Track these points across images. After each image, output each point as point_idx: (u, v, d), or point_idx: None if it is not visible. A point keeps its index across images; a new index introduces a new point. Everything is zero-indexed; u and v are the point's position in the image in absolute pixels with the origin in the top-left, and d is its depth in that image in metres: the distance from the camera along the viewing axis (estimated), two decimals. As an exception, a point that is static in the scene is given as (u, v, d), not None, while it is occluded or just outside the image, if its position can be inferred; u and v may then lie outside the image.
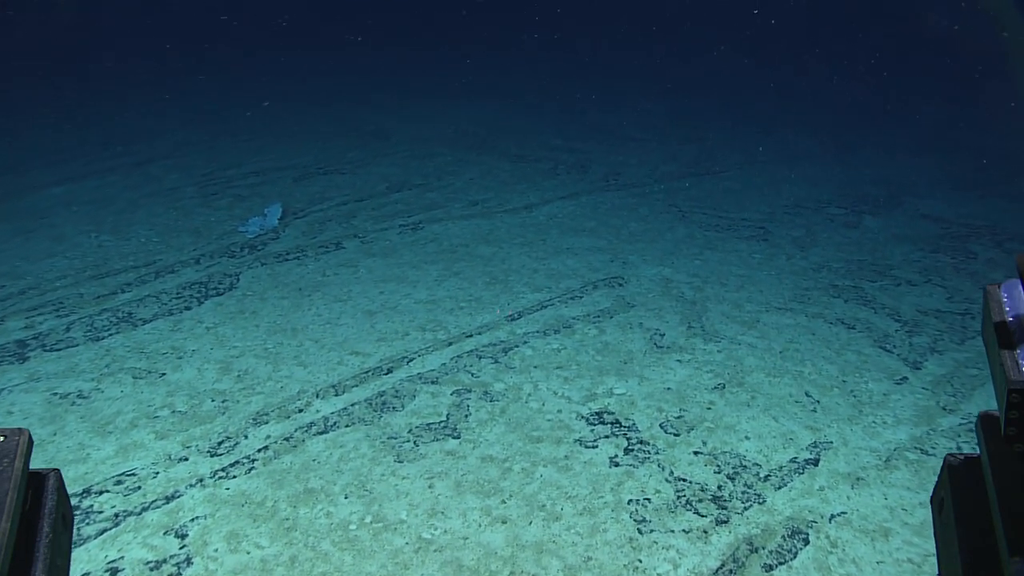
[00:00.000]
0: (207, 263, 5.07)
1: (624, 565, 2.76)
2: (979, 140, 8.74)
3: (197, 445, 3.32)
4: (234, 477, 3.14)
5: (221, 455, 3.27)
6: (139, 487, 3.04)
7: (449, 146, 7.94)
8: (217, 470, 3.17)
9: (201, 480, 3.11)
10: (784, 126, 9.39)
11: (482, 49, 13.40)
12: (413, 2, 15.13)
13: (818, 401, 3.81)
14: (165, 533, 2.82)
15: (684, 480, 3.21)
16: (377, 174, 6.96)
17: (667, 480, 3.21)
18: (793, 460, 3.36)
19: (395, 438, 3.42)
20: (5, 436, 0.83)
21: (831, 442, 3.48)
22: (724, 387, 3.91)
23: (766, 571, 2.76)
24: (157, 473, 3.13)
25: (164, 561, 2.71)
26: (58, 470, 0.87)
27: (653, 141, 8.46)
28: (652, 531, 2.92)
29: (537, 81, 11.31)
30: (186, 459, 3.23)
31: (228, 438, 3.38)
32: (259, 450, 3.31)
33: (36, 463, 0.82)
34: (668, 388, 3.89)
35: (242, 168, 7.00)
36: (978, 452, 0.91)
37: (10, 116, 8.76)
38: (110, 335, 4.15)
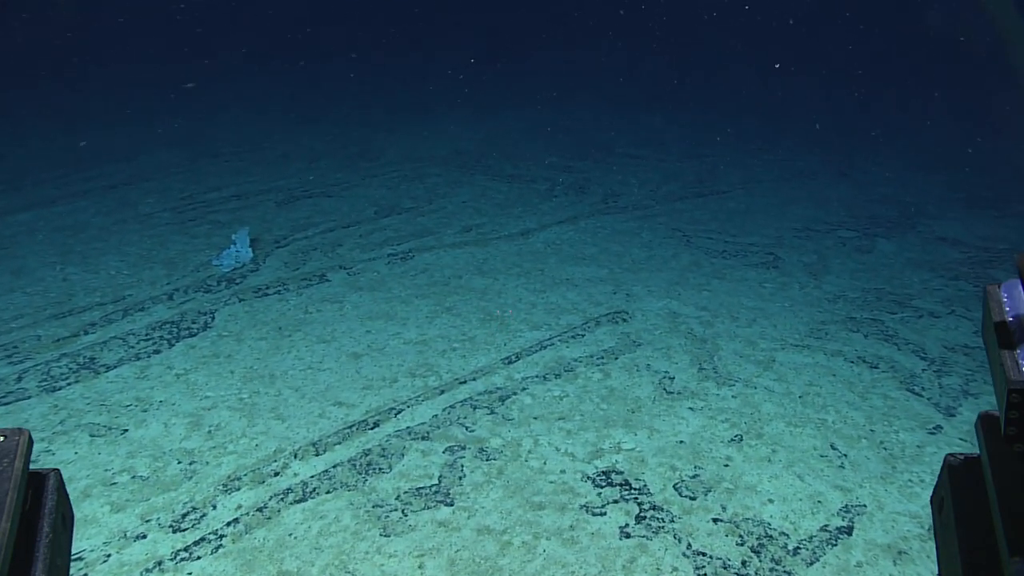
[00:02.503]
0: (180, 299, 4.71)
1: (642, 666, 2.42)
2: (987, 154, 8.49)
3: (158, 518, 2.96)
4: (198, 558, 2.78)
5: (185, 530, 2.91)
6: (84, 575, 2.68)
7: (441, 165, 7.61)
8: (179, 550, 2.81)
9: (160, 563, 2.75)
10: (785, 140, 9.12)
11: (472, 62, 13.11)
12: (400, 12, 14.84)
13: (845, 455, 3.48)
14: (114, 634, 2.47)
15: (704, 555, 2.87)
16: (365, 197, 6.62)
17: (685, 555, 2.87)
18: (824, 528, 3.03)
19: (381, 506, 3.07)
20: (5, 436, 0.83)
21: (864, 505, 3.15)
22: (742, 439, 3.58)
23: (803, 671, 2.42)
24: (108, 556, 2.76)
25: (112, 669, 2.35)
26: (58, 470, 0.87)
27: (652, 158, 8.15)
28: (671, 621, 2.58)
29: (529, 95, 11.02)
30: (144, 536, 2.86)
31: (194, 509, 3.02)
32: (228, 523, 2.95)
33: None
34: (681, 441, 3.56)
35: (223, 191, 6.65)
36: (978, 452, 0.90)
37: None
38: (68, 384, 3.79)
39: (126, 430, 3.48)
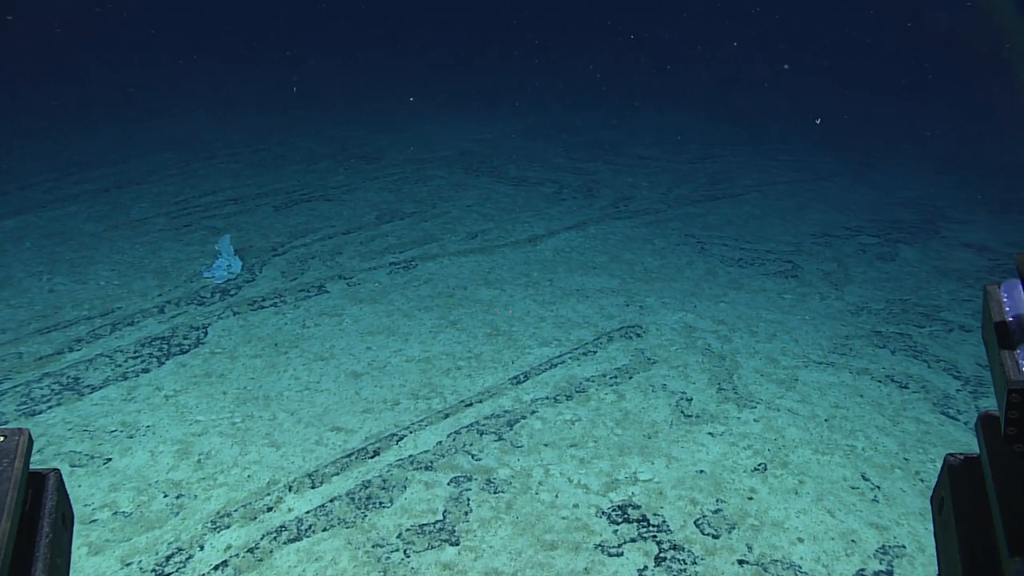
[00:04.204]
0: (172, 312, 4.49)
1: None
2: (1009, 155, 8.22)
3: (140, 562, 2.74)
4: (182, 608, 2.56)
5: (169, 575, 2.69)
6: (61, 630, 2.46)
7: (444, 167, 7.37)
8: (162, 598, 2.60)
9: (141, 614, 2.53)
10: (801, 140, 8.86)
11: (477, 61, 12.84)
12: (406, 11, 14.58)
13: (878, 487, 3.25)
14: None
15: (731, 603, 2.65)
16: (366, 201, 6.39)
17: (710, 603, 2.65)
18: (860, 573, 2.80)
19: (381, 546, 2.85)
20: (5, 436, 0.83)
21: (903, 546, 2.92)
22: (766, 468, 3.35)
23: None
24: (86, 607, 2.55)
25: None
26: (58, 470, 0.87)
27: (662, 159, 7.90)
28: None
29: (535, 94, 10.76)
30: (125, 583, 2.65)
31: (180, 550, 2.81)
32: (216, 567, 2.73)
33: None
34: (701, 471, 3.33)
35: (219, 195, 6.42)
36: (978, 452, 0.91)
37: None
38: (49, 408, 3.57)
39: (109, 459, 3.26)
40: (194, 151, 7.57)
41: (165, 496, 3.07)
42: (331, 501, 3.06)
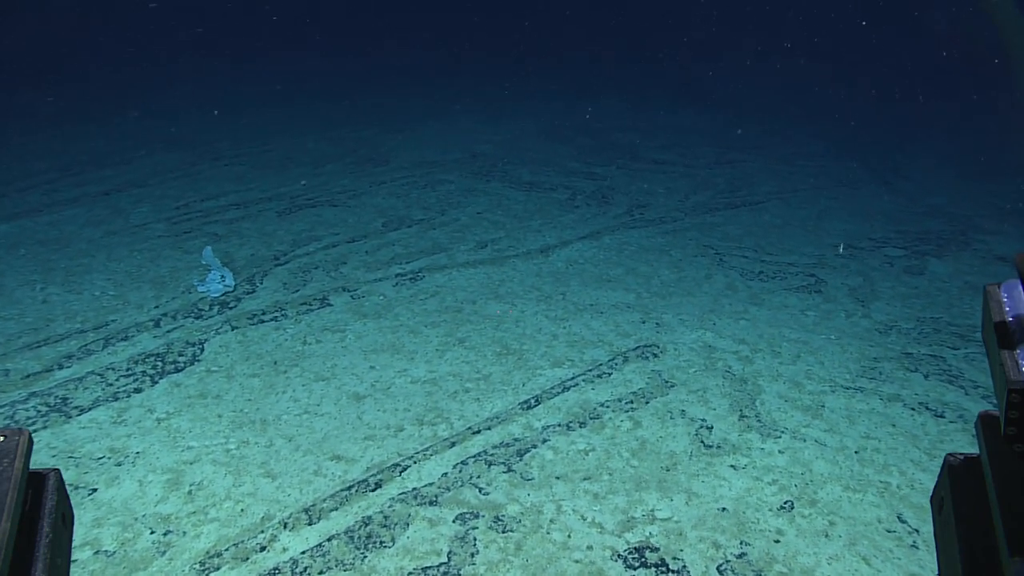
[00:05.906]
0: (168, 326, 4.31)
1: None
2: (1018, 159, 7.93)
3: (122, 608, 2.56)
4: (165, 662, 2.37)
5: (152, 623, 2.51)
6: None
7: (454, 170, 7.16)
8: (144, 651, 2.41)
9: (120, 670, 2.35)
10: (822, 145, 8.59)
11: (488, 61, 12.62)
12: (412, 10, 14.36)
13: (917, 531, 3.02)
14: None
15: (759, 663, 2.44)
16: (373, 206, 6.19)
17: (736, 663, 2.44)
18: (899, 631, 2.58)
19: (381, 592, 2.66)
20: (5, 436, 0.83)
21: (945, 601, 2.69)
22: (793, 507, 3.13)
23: None
24: (61, 662, 2.36)
25: None
26: (58, 470, 0.86)
27: (679, 164, 7.66)
28: None
29: (548, 95, 10.53)
30: (104, 633, 2.46)
31: (165, 594, 2.62)
32: (203, 614, 2.55)
33: None
34: (723, 508, 3.11)
35: (221, 199, 6.24)
36: (978, 452, 0.88)
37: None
38: (34, 431, 3.39)
39: (95, 489, 3.08)
40: (199, 151, 7.40)
41: (152, 532, 2.88)
42: (329, 540, 2.86)
